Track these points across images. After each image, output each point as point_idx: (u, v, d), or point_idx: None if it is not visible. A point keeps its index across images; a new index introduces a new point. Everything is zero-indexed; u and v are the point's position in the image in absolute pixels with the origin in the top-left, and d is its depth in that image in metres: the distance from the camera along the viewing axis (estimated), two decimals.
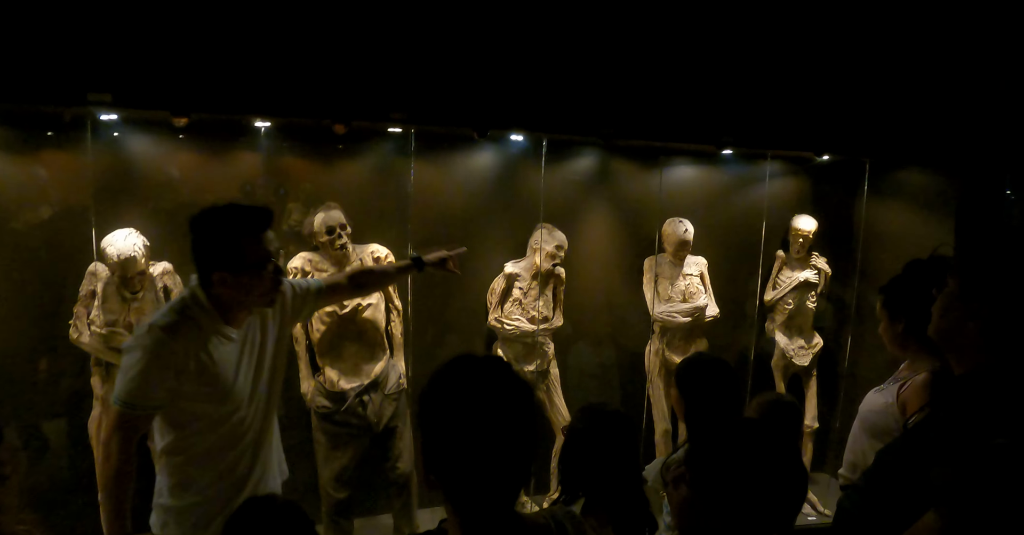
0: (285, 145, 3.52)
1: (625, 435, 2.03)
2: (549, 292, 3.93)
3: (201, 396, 2.01)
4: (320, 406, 3.48)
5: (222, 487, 2.11)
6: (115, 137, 3.23)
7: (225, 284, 1.95)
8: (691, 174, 4.28)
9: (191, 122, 2.98)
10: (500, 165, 3.91)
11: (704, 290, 4.14)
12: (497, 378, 1.19)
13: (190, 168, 3.43)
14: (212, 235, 1.96)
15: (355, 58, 3.08)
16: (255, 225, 1.97)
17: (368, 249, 3.57)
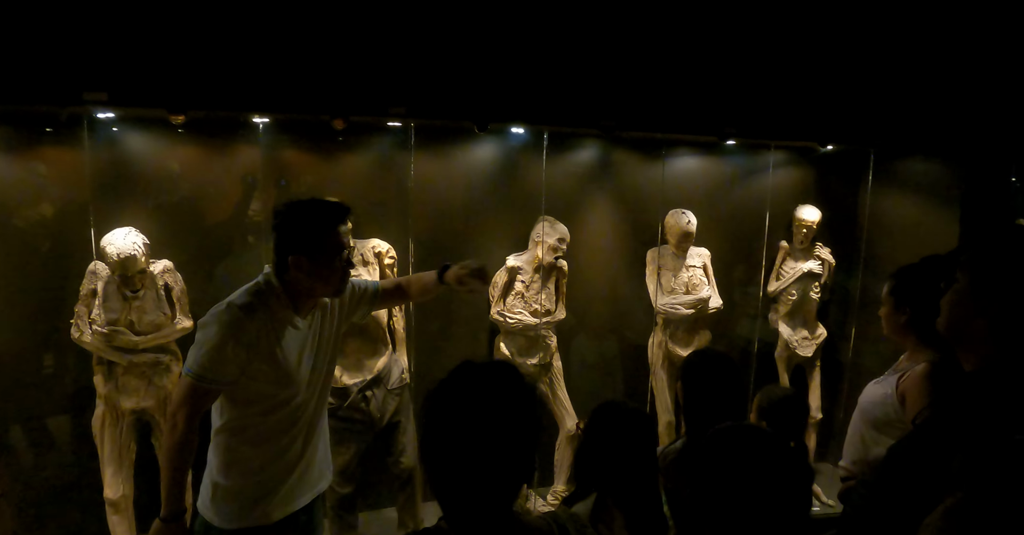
0: (284, 141, 3.49)
1: (644, 434, 2.04)
2: (551, 285, 3.92)
3: (266, 377, 2.09)
4: None
5: (271, 471, 2.18)
6: (113, 135, 3.20)
7: (301, 268, 2.06)
8: (694, 165, 4.24)
9: (189, 119, 2.95)
10: (501, 158, 3.88)
11: (707, 282, 4.11)
12: (500, 387, 1.19)
13: (189, 165, 3.41)
14: (296, 222, 2.09)
15: (353, 53, 3.04)
16: (334, 217, 2.11)
17: (369, 244, 3.55)
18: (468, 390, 1.18)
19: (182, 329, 3.24)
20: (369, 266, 3.54)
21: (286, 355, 2.12)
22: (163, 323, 3.20)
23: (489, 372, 1.21)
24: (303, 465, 2.26)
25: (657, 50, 3.40)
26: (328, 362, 2.31)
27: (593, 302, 4.22)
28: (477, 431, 1.14)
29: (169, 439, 2.03)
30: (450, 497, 1.17)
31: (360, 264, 3.51)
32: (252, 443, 2.16)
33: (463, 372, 1.21)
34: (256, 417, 2.14)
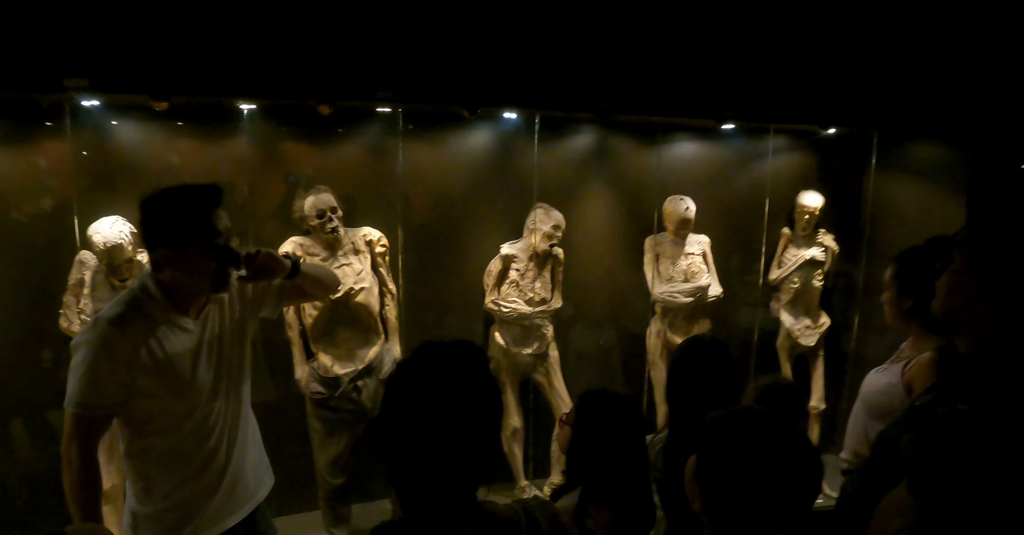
0: (271, 128, 3.44)
1: (631, 420, 1.99)
2: (547, 273, 3.86)
3: (158, 391, 1.91)
4: (314, 392, 3.45)
5: (191, 492, 2.02)
6: (96, 123, 3.17)
7: (169, 262, 1.87)
8: (691, 150, 4.15)
9: (174, 106, 2.91)
10: (493, 144, 3.82)
11: (707, 269, 4.04)
12: (459, 367, 1.14)
13: (175, 153, 3.37)
14: (160, 213, 1.87)
15: (339, 36, 2.98)
16: (202, 202, 1.89)
17: (360, 232, 3.51)
18: (425, 370, 1.14)
19: None
20: (360, 254, 3.50)
21: (177, 363, 1.93)
22: None
23: (448, 352, 1.17)
24: (229, 479, 2.08)
25: (652, 30, 3.31)
26: (237, 362, 2.10)
27: (590, 290, 4.16)
28: (434, 413, 1.10)
29: (67, 478, 1.85)
30: (408, 485, 1.13)
31: (351, 252, 3.47)
32: (162, 465, 1.98)
33: (422, 353, 1.17)
34: (159, 437, 1.95)
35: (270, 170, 3.54)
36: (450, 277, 3.89)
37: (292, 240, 3.42)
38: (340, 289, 3.36)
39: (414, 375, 1.14)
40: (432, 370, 1.14)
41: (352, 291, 3.41)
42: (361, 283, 3.44)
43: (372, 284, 3.49)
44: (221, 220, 1.92)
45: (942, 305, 1.53)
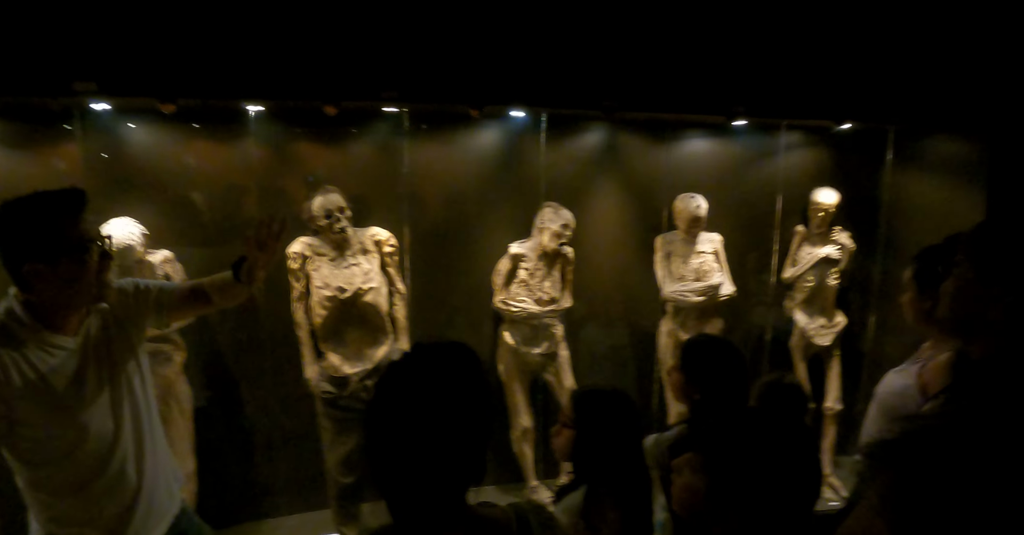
0: (279, 129, 3.46)
1: (626, 414, 1.98)
2: (557, 272, 3.83)
3: (39, 418, 1.75)
4: (324, 391, 3.46)
5: (98, 520, 1.87)
6: (106, 126, 3.21)
7: (40, 278, 1.70)
8: (702, 147, 4.10)
9: (182, 108, 2.94)
10: (501, 143, 3.80)
11: (719, 268, 3.98)
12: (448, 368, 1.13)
13: (184, 155, 3.40)
14: (19, 225, 1.68)
15: (343, 36, 2.99)
16: (68, 207, 1.72)
17: (368, 232, 3.52)
18: (414, 371, 1.13)
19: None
20: (369, 254, 3.50)
21: (57, 386, 1.75)
22: None
23: (438, 353, 1.15)
24: (143, 501, 1.92)
25: (659, 25, 3.27)
26: (130, 378, 1.92)
27: (600, 290, 4.13)
28: (421, 414, 1.09)
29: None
30: (394, 488, 1.12)
31: (360, 252, 3.48)
32: (60, 495, 1.83)
33: (411, 354, 1.16)
34: (52, 466, 1.79)
35: (278, 171, 3.56)
36: (459, 276, 3.88)
37: (300, 240, 3.44)
38: (348, 289, 3.38)
39: (402, 376, 1.13)
40: (421, 371, 1.13)
41: (360, 291, 3.42)
42: (370, 283, 3.44)
43: (381, 284, 3.50)
44: (92, 227, 1.77)
45: (948, 312, 1.47)
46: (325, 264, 3.43)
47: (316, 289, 3.41)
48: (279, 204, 3.56)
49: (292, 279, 3.43)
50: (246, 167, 3.47)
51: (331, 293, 3.38)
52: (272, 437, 3.71)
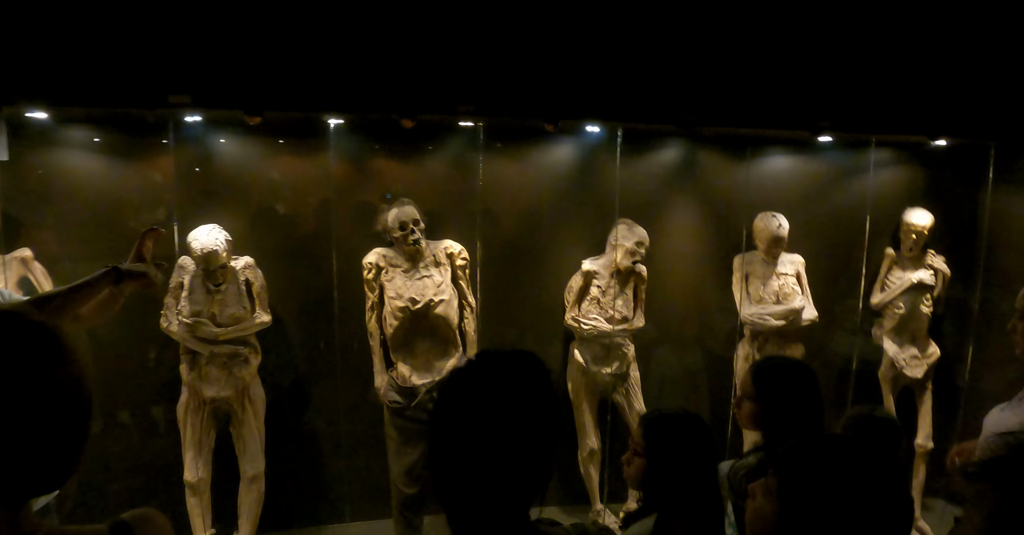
0: (357, 142, 3.56)
1: (704, 442, 1.90)
2: (629, 291, 3.76)
3: None
4: (392, 401, 3.49)
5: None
6: (196, 137, 3.38)
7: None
8: (784, 164, 3.97)
9: (267, 121, 3.06)
10: (575, 158, 3.79)
11: (800, 291, 3.81)
12: (514, 377, 1.10)
13: (267, 166, 3.55)
14: None
15: (422, 51, 3.06)
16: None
17: (442, 245, 3.56)
18: (480, 379, 1.09)
19: (260, 323, 3.36)
20: (441, 266, 3.54)
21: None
22: (243, 316, 3.32)
23: (506, 362, 1.12)
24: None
25: (741, 37, 3.19)
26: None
27: (674, 311, 4.02)
28: (485, 424, 1.05)
29: None
30: (455, 500, 1.08)
31: (432, 264, 3.52)
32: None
33: (478, 361, 1.13)
34: None
35: (355, 183, 3.65)
36: (530, 292, 3.86)
37: (376, 252, 3.51)
38: (420, 300, 3.41)
39: (467, 383, 1.10)
40: (486, 378, 1.09)
41: (432, 302, 3.45)
42: (441, 295, 3.47)
43: (451, 296, 3.52)
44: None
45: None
46: (399, 275, 3.48)
47: (389, 299, 3.46)
48: (355, 215, 3.65)
49: (366, 289, 3.49)
50: (325, 179, 3.58)
51: (403, 304, 3.42)
52: (340, 444, 3.76)
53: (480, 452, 1.04)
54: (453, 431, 1.07)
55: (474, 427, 1.05)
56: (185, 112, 3.06)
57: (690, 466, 1.84)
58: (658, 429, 1.92)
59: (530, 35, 3.11)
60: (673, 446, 1.87)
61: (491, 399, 1.06)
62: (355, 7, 2.98)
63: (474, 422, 1.05)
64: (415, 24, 3.03)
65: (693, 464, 1.84)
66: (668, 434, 1.89)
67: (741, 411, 2.20)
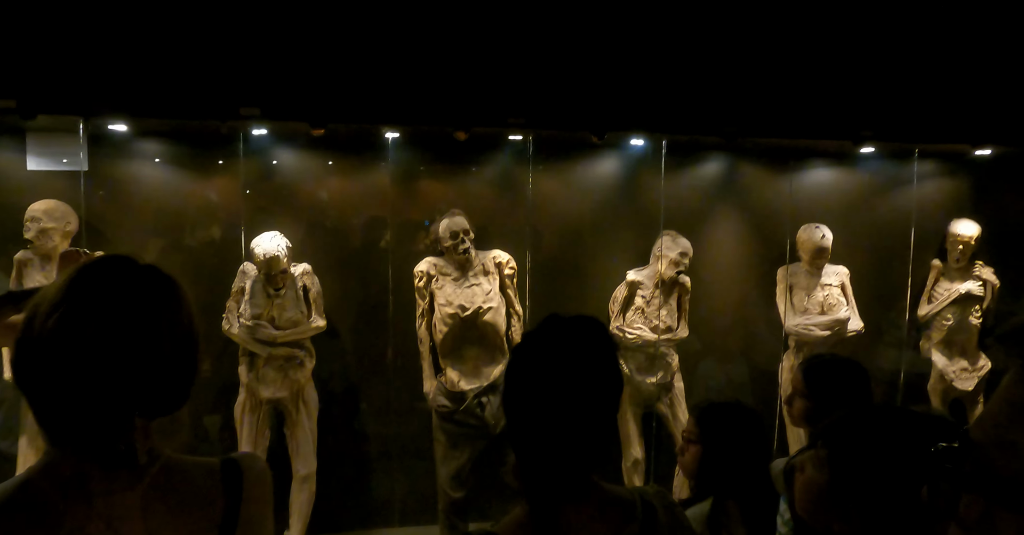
0: (411, 154, 3.73)
1: (752, 426, 1.96)
2: (673, 301, 3.81)
3: None
4: (440, 405, 3.57)
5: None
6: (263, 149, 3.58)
7: None
8: (826, 176, 4.02)
9: (328, 134, 3.24)
10: (620, 170, 3.90)
11: (845, 302, 3.82)
12: (579, 341, 1.17)
13: (329, 178, 3.73)
14: None
15: (474, 66, 3.22)
16: None
17: (490, 255, 3.67)
18: (550, 341, 1.16)
19: (316, 327, 3.50)
20: (490, 275, 3.64)
21: None
22: (300, 320, 3.47)
23: (573, 326, 1.21)
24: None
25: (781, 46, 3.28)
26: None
27: (718, 322, 4.06)
28: (557, 382, 1.11)
29: None
30: (530, 455, 1.14)
31: (481, 273, 3.63)
32: None
33: (547, 325, 1.21)
34: None
35: (410, 195, 3.81)
36: (576, 301, 3.94)
37: (427, 260, 3.63)
38: (469, 307, 3.52)
39: (538, 344, 1.18)
40: (556, 341, 1.16)
41: (481, 310, 3.55)
42: (489, 303, 3.57)
43: (500, 304, 3.62)
44: None
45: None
46: (448, 283, 3.59)
47: (439, 306, 3.57)
48: (408, 226, 3.81)
49: (417, 296, 3.61)
50: (381, 191, 3.74)
51: (453, 311, 3.53)
52: (389, 448, 3.84)
53: (555, 409, 1.10)
54: (527, 390, 1.13)
55: (548, 386, 1.11)
56: (254, 124, 3.26)
57: (743, 449, 1.90)
58: (711, 416, 1.98)
59: (577, 51, 3.25)
60: (727, 432, 1.92)
61: (562, 355, 1.14)
62: (413, 25, 3.17)
63: (547, 380, 1.11)
64: (469, 40, 3.21)
65: (746, 447, 1.90)
66: (721, 420, 1.95)
67: (792, 408, 2.23)
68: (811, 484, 1.30)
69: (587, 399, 1.12)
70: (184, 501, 1.00)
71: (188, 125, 3.28)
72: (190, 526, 1.00)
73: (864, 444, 1.23)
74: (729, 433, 1.92)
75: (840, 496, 1.24)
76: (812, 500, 1.30)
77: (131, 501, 0.97)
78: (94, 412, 0.94)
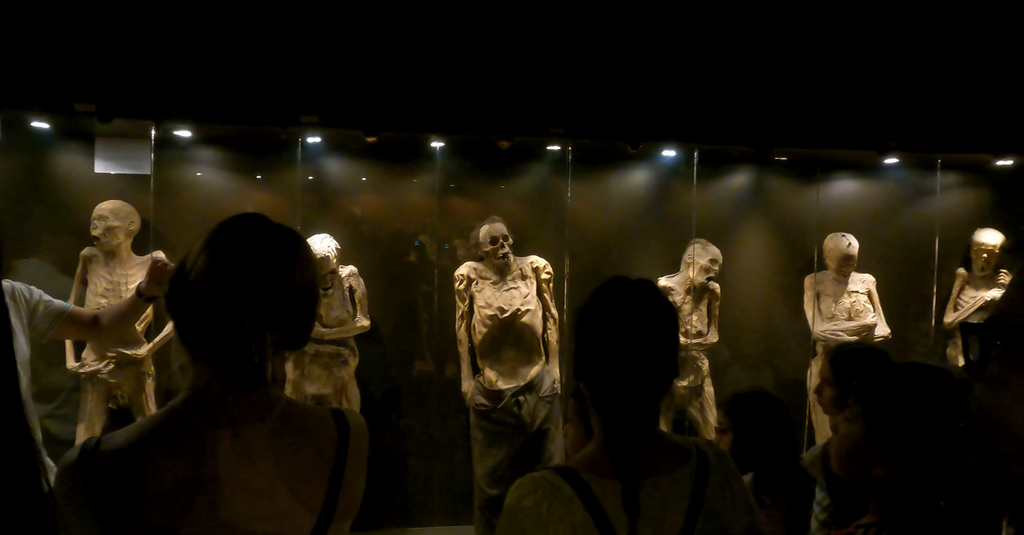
0: (457, 163, 3.92)
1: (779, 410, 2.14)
2: (703, 307, 3.94)
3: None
4: (478, 404, 3.69)
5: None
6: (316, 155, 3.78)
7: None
8: (852, 187, 4.16)
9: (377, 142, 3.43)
10: (653, 180, 4.07)
11: (872, 309, 3.93)
12: (645, 296, 1.32)
13: (376, 185, 3.93)
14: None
15: (517, 78, 3.43)
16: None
17: (528, 260, 3.82)
18: (619, 289, 1.29)
19: (360, 327, 3.65)
20: (527, 279, 3.79)
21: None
22: (345, 319, 3.62)
23: (635, 286, 1.35)
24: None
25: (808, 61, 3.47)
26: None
27: (747, 330, 4.17)
28: (625, 336, 1.24)
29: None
30: (612, 397, 1.25)
31: (519, 277, 3.77)
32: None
33: (611, 283, 1.36)
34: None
35: (453, 202, 4.00)
36: None
37: (467, 264, 3.79)
38: (508, 309, 3.66)
39: (608, 293, 1.31)
40: (624, 289, 1.30)
41: (519, 312, 3.69)
42: (527, 305, 3.72)
43: (537, 307, 3.76)
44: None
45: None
46: (488, 287, 3.74)
47: (479, 308, 3.71)
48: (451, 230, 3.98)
49: (457, 299, 3.76)
50: (426, 196, 3.93)
51: (492, 312, 3.67)
52: (427, 446, 3.94)
53: (633, 345, 1.23)
54: (598, 330, 1.26)
55: (617, 335, 1.24)
56: (310, 131, 3.47)
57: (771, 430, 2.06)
58: (739, 404, 2.15)
59: (615, 64, 3.46)
60: (754, 414, 2.09)
61: (630, 308, 1.29)
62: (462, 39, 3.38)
63: (616, 321, 1.25)
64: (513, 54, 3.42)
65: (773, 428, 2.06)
66: (748, 406, 2.12)
67: (823, 397, 2.35)
68: (847, 439, 1.40)
69: (660, 341, 1.25)
70: (304, 440, 1.11)
71: (246, 131, 3.49)
72: (309, 462, 1.11)
73: (892, 390, 1.34)
74: (756, 416, 2.08)
75: (877, 442, 1.35)
76: (849, 454, 1.40)
77: (262, 431, 1.09)
78: (234, 330, 1.07)
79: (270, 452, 1.08)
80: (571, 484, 1.21)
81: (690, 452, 1.35)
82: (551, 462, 3.65)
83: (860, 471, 1.37)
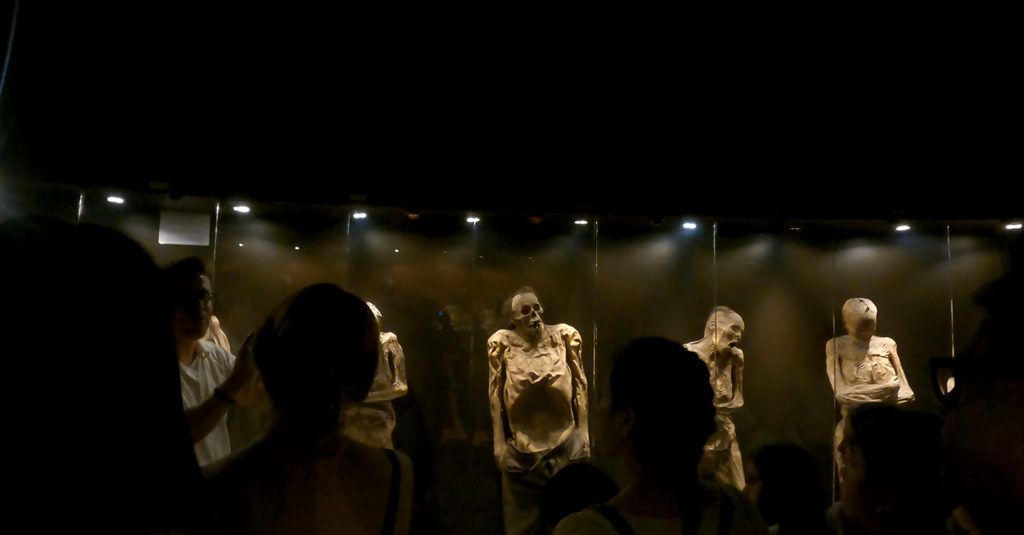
0: (489, 237, 4.18)
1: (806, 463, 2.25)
2: (728, 372, 4.06)
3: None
4: (510, 467, 3.81)
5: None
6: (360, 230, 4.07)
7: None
8: (867, 253, 4.33)
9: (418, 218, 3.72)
10: (675, 251, 4.29)
11: (894, 372, 4.03)
12: (679, 348, 1.49)
13: (415, 257, 4.20)
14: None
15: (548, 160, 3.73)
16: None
17: (558, 328, 4.01)
18: (645, 357, 1.44)
19: (398, 391, 3.83)
20: (557, 346, 3.97)
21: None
22: (384, 384, 3.80)
23: (656, 344, 1.54)
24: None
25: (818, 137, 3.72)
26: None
27: (770, 395, 4.27)
28: (680, 379, 1.37)
29: None
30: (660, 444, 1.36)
31: (550, 345, 3.95)
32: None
33: (638, 344, 1.55)
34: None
35: (487, 272, 4.25)
36: None
37: (500, 332, 3.99)
38: (539, 375, 3.83)
39: (638, 359, 1.46)
40: (664, 347, 1.45)
41: (550, 378, 3.85)
42: (557, 371, 3.88)
43: (566, 373, 3.92)
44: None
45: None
46: (519, 353, 3.93)
47: (511, 374, 3.88)
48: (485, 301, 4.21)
49: (490, 365, 3.94)
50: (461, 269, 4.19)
51: (524, 378, 3.84)
52: (460, 509, 4.03)
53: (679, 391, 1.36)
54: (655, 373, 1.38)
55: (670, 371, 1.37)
56: (356, 208, 3.77)
57: (798, 479, 2.16)
58: (767, 454, 2.27)
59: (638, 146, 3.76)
60: (782, 464, 2.20)
61: (674, 352, 1.47)
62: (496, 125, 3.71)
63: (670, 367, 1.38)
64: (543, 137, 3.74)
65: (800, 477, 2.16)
66: (776, 456, 2.25)
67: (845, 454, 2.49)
68: (851, 481, 1.55)
69: (705, 384, 1.39)
70: (367, 474, 1.30)
71: (298, 208, 3.80)
72: (371, 497, 1.29)
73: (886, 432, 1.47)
74: (785, 467, 2.19)
75: (876, 481, 1.46)
76: (854, 493, 1.55)
77: (332, 466, 1.27)
78: (316, 382, 1.27)
79: (340, 483, 1.26)
80: (611, 521, 1.33)
81: (716, 495, 1.50)
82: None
83: (866, 511, 1.51)
